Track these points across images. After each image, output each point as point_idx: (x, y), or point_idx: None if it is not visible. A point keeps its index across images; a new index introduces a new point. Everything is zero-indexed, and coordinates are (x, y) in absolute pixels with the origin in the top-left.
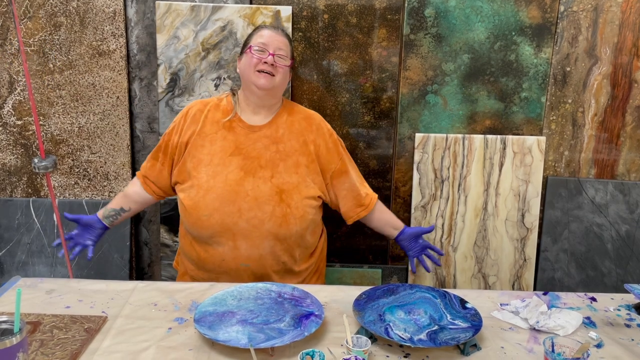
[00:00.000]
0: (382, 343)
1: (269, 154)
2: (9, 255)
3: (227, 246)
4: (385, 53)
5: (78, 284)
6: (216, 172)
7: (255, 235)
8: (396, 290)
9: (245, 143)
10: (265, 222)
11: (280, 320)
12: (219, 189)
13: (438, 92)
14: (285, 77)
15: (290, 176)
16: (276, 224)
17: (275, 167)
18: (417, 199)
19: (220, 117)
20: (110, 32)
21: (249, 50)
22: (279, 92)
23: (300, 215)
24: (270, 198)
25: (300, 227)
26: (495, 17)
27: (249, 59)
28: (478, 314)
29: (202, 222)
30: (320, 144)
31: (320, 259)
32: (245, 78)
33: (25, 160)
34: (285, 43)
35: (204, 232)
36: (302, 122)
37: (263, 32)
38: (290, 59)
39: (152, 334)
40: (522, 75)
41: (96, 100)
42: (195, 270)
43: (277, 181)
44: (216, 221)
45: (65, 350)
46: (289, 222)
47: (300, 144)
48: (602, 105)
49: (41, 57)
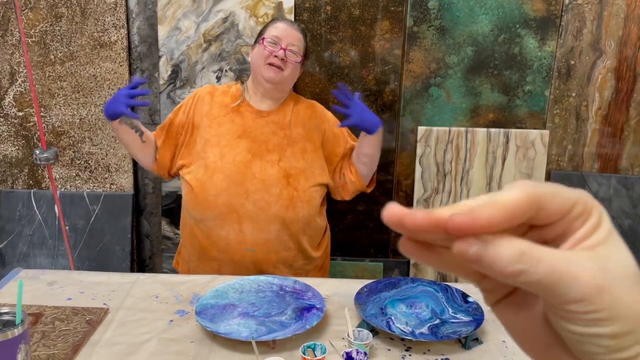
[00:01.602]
0: (383, 336)
1: (276, 138)
2: (10, 247)
3: (232, 229)
4: (388, 45)
5: (79, 276)
6: (224, 153)
7: (262, 218)
8: (398, 284)
9: (253, 127)
10: (272, 204)
11: (282, 313)
12: (226, 170)
13: (441, 85)
14: (295, 72)
15: (298, 161)
16: (283, 206)
17: (283, 152)
18: (420, 192)
19: (229, 102)
20: (111, 24)
21: (262, 41)
22: (287, 86)
23: (307, 200)
24: (277, 181)
25: (307, 212)
26: (499, 9)
27: (261, 51)
28: (480, 308)
29: (208, 203)
30: (326, 129)
31: (324, 256)
32: (254, 69)
33: (26, 152)
34: (299, 39)
35: (210, 213)
36: (307, 110)
37: (278, 24)
38: (302, 56)
39: (154, 326)
40: (525, 68)
41: (97, 91)
42: (197, 264)
43: (285, 165)
44: (222, 202)
45: (67, 341)
46: (296, 205)
47: (306, 131)
48: (606, 99)
49: (42, 48)
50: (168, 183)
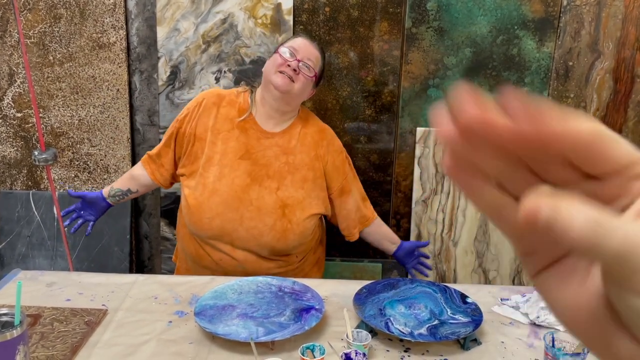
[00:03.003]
0: (382, 337)
1: (278, 164)
2: (9, 248)
3: (224, 249)
4: (386, 46)
5: (78, 277)
6: (223, 174)
7: (253, 244)
8: (397, 285)
9: (256, 148)
10: (265, 234)
11: (281, 314)
12: (223, 193)
13: (440, 86)
14: (306, 88)
15: (297, 191)
16: (275, 238)
17: (282, 180)
18: (418, 193)
19: (235, 115)
20: (110, 25)
21: (278, 50)
22: (295, 101)
23: (300, 232)
24: (273, 211)
25: (299, 242)
26: (497, 10)
27: (275, 59)
28: (478, 309)
29: (202, 224)
30: (329, 160)
31: (320, 251)
32: (265, 75)
33: (25, 153)
34: (317, 57)
35: (204, 233)
36: (315, 136)
37: (298, 39)
38: (316, 73)
39: (153, 327)
40: (524, 69)
41: (96, 92)
42: (192, 264)
43: (283, 194)
44: (217, 225)
45: (66, 343)
46: (287, 237)
47: (310, 159)
48: (604, 100)
49: (41, 49)
50: None
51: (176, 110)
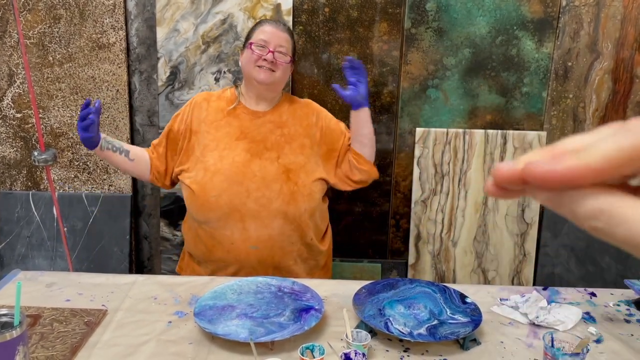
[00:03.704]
0: (381, 337)
1: (274, 137)
2: (8, 249)
3: (235, 228)
4: (386, 47)
5: (78, 277)
6: (223, 156)
7: (264, 215)
8: (396, 285)
9: (250, 128)
10: (274, 200)
11: (280, 314)
12: (226, 171)
13: (439, 87)
14: (286, 72)
15: (297, 157)
16: (284, 201)
17: (281, 149)
18: (418, 193)
19: (225, 106)
20: (110, 25)
21: (250, 46)
22: (280, 86)
23: (307, 194)
24: (277, 177)
25: (309, 205)
26: (496, 11)
27: (250, 55)
28: (478, 309)
29: (210, 204)
30: (323, 125)
31: (328, 253)
32: (246, 73)
33: (25, 153)
34: (287, 39)
35: (212, 214)
36: (304, 109)
37: (265, 27)
38: (291, 56)
39: (152, 327)
40: (523, 70)
41: (96, 93)
42: (203, 266)
43: (284, 161)
44: (224, 202)
45: (66, 343)
46: (297, 199)
47: (303, 128)
48: (603, 101)
49: (41, 49)
50: None
51: (176, 110)
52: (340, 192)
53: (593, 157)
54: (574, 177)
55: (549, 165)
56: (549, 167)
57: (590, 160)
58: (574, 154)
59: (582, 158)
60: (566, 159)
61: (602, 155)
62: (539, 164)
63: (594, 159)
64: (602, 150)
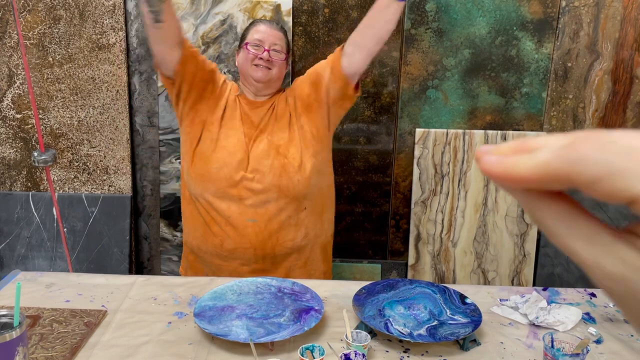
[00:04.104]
0: (381, 338)
1: (266, 118)
2: (8, 249)
3: (232, 202)
4: (385, 48)
5: (78, 278)
6: (228, 135)
7: (259, 189)
8: (396, 286)
9: (249, 114)
10: (267, 174)
11: (280, 314)
12: (230, 147)
13: (439, 87)
14: (282, 69)
15: (284, 132)
16: (276, 175)
17: (270, 128)
18: (417, 194)
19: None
20: (109, 26)
21: (245, 46)
22: (277, 83)
23: (297, 165)
24: (267, 153)
25: (301, 177)
26: (496, 11)
27: (246, 55)
28: (477, 310)
29: (210, 175)
30: (296, 88)
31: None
32: (243, 72)
33: (24, 154)
34: (280, 37)
35: (211, 185)
36: (287, 90)
37: (259, 27)
38: (286, 53)
39: (152, 328)
40: (523, 70)
41: (96, 94)
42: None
43: (272, 138)
44: (224, 175)
45: (65, 344)
46: (288, 171)
47: (286, 105)
48: (603, 101)
49: (40, 50)
50: (166, 185)
51: None
52: (340, 193)
53: (525, 165)
54: (508, 179)
55: (495, 160)
56: (494, 162)
57: (522, 167)
58: (526, 155)
59: (520, 162)
60: (511, 159)
61: (531, 166)
62: (489, 157)
63: (525, 167)
64: (534, 161)
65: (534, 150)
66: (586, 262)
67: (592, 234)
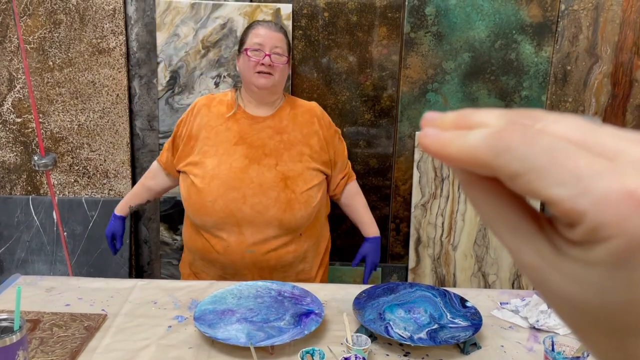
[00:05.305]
0: (382, 342)
1: (273, 143)
2: (8, 253)
3: (231, 232)
4: (385, 51)
5: (78, 282)
6: (221, 161)
7: (260, 221)
8: (396, 289)
9: (249, 133)
10: (270, 207)
11: (280, 318)
12: (223, 176)
13: (438, 91)
14: (284, 72)
15: (295, 164)
16: (280, 209)
17: (280, 156)
18: (417, 197)
19: (225, 111)
20: (110, 30)
21: (245, 52)
22: (280, 88)
23: (304, 201)
24: (275, 184)
25: (305, 213)
26: (496, 15)
27: (247, 61)
28: (478, 313)
29: (206, 209)
30: (322, 134)
31: (323, 267)
32: (245, 78)
33: (24, 158)
34: (281, 39)
35: (208, 219)
36: (305, 115)
37: (258, 30)
38: (287, 55)
39: (152, 332)
40: (522, 74)
41: (96, 98)
42: (200, 263)
43: (282, 168)
44: (220, 207)
45: (65, 348)
46: (293, 207)
47: (303, 135)
48: (602, 104)
49: (41, 54)
50: None
51: (176, 115)
52: None
53: (455, 147)
54: (441, 157)
55: (432, 135)
56: (431, 136)
57: (453, 148)
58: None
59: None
60: (446, 135)
61: (460, 149)
62: (429, 130)
63: (456, 148)
64: (465, 144)
65: (473, 127)
66: (508, 248)
67: (517, 222)
